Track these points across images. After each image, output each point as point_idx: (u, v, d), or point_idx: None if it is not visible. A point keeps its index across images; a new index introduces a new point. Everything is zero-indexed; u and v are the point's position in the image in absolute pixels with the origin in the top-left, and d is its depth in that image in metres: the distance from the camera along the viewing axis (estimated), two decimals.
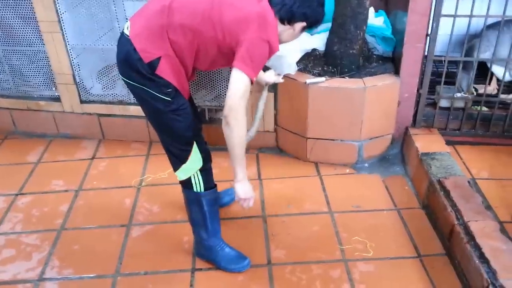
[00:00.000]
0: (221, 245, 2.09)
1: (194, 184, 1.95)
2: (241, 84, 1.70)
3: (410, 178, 2.62)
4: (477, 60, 2.54)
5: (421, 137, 2.65)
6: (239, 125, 1.73)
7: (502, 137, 2.68)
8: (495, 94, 2.70)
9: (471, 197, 2.19)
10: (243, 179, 1.89)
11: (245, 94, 1.72)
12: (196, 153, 1.90)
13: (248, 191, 1.92)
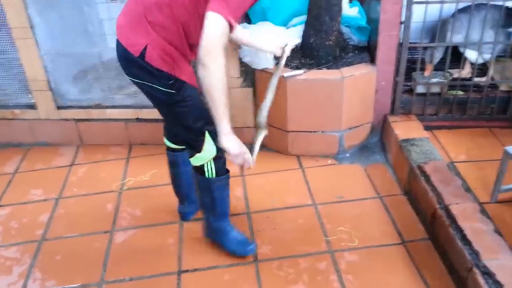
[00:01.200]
0: (228, 228, 2.11)
1: (206, 171, 1.94)
2: (216, 25, 1.50)
3: (391, 165, 2.64)
4: (450, 44, 2.57)
5: (399, 124, 2.67)
6: (217, 64, 1.52)
7: (478, 119, 2.72)
8: (470, 77, 2.74)
9: (451, 181, 2.23)
10: (230, 131, 1.68)
11: (222, 38, 1.52)
12: (209, 143, 1.87)
13: (239, 144, 1.72)
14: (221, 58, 1.52)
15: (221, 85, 1.56)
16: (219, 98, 1.58)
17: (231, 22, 1.52)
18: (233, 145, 1.71)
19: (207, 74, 1.53)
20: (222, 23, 1.51)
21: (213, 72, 1.52)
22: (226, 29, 1.52)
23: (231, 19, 1.51)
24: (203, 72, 1.53)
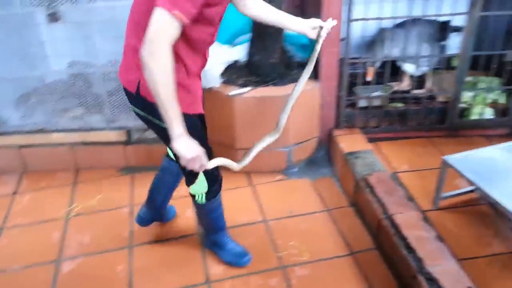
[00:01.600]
0: (225, 240, 2.17)
1: (198, 198, 1.98)
2: (159, 22, 1.40)
3: (338, 178, 2.71)
4: (389, 59, 2.68)
5: (344, 137, 2.75)
6: (161, 64, 1.42)
7: (418, 130, 2.85)
8: (409, 90, 2.87)
9: (394, 191, 2.31)
10: (182, 133, 1.54)
11: (167, 35, 1.41)
12: (201, 179, 1.89)
13: (193, 147, 1.57)
14: (165, 57, 1.42)
15: (167, 85, 1.46)
16: (166, 100, 1.47)
17: (178, 15, 1.40)
18: (185, 149, 1.56)
19: (150, 74, 1.43)
20: (166, 19, 1.40)
21: (156, 72, 1.42)
22: (172, 24, 1.41)
23: (179, 12, 1.40)
24: (146, 73, 1.44)
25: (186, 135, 1.55)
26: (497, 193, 1.94)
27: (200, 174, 1.87)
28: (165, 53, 1.42)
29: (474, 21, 2.46)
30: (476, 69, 2.73)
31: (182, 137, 1.54)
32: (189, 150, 1.56)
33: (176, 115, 1.51)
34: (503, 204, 1.89)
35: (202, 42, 1.66)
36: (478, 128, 2.85)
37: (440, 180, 2.23)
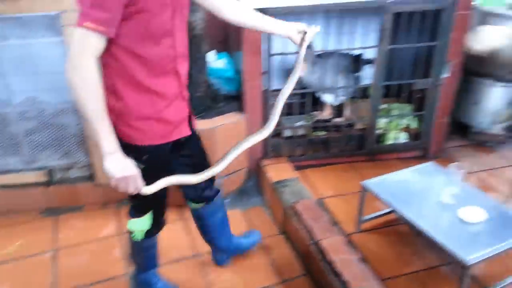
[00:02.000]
0: (154, 280, 2.09)
1: (135, 235, 1.90)
2: (74, 41, 1.36)
3: (268, 207, 2.76)
4: (307, 91, 2.82)
5: (272, 167, 2.83)
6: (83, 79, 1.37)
7: (340, 156, 2.99)
8: (330, 119, 3.01)
9: (320, 217, 2.39)
10: (114, 151, 1.45)
11: (82, 46, 1.36)
12: (148, 217, 1.85)
13: (126, 166, 1.47)
14: (87, 71, 1.37)
15: (92, 100, 1.40)
16: (92, 115, 1.41)
17: (91, 26, 1.35)
18: (115, 168, 1.46)
19: (75, 90, 1.38)
20: (82, 33, 1.36)
21: (80, 87, 1.37)
22: (88, 37, 1.37)
23: (90, 23, 1.34)
24: (72, 92, 1.39)
25: (118, 153, 1.46)
26: (411, 213, 2.07)
27: (150, 212, 1.83)
28: (88, 67, 1.37)
29: (384, 54, 2.65)
30: (389, 97, 2.94)
31: (112, 155, 1.46)
32: (119, 169, 1.46)
33: (105, 131, 1.43)
34: (416, 223, 2.02)
35: (162, 59, 1.54)
36: (394, 151, 3.04)
37: (361, 204, 2.34)
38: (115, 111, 1.54)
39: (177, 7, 1.52)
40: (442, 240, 1.91)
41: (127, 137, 1.58)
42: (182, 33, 1.58)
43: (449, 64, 2.75)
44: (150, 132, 1.60)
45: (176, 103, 1.64)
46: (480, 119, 3.21)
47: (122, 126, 1.57)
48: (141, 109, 1.55)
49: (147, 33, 1.46)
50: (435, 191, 2.19)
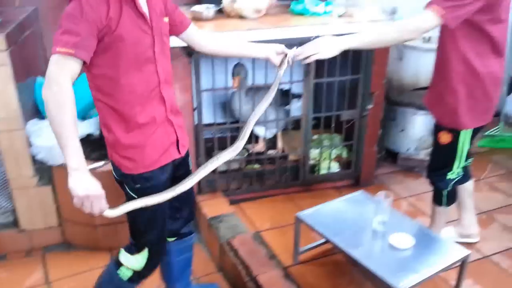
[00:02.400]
0: None
1: (121, 272, 1.84)
2: (49, 65, 1.42)
3: (205, 244, 2.71)
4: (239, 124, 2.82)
5: (207, 202, 2.79)
6: (53, 95, 1.40)
7: (276, 188, 3.00)
8: (263, 151, 3.04)
9: (256, 251, 2.38)
10: (78, 168, 1.43)
11: (56, 69, 1.40)
12: (144, 255, 1.81)
13: (90, 185, 1.45)
14: (58, 88, 1.40)
15: (61, 116, 1.40)
16: (60, 132, 1.41)
17: (63, 51, 1.40)
18: (79, 185, 1.43)
19: (46, 107, 1.41)
20: (53, 61, 1.42)
21: (50, 103, 1.40)
22: (61, 62, 1.41)
23: (60, 48, 1.41)
24: (45, 107, 1.42)
25: (83, 170, 1.44)
26: (344, 243, 2.10)
27: (146, 249, 1.80)
28: (59, 84, 1.40)
29: (310, 88, 2.73)
30: (319, 128, 3.01)
31: (77, 171, 1.43)
32: (82, 188, 1.43)
33: (72, 148, 1.42)
34: (349, 252, 2.05)
35: (146, 85, 1.60)
36: (328, 181, 3.10)
37: (296, 235, 2.35)
38: (109, 142, 1.66)
39: (156, 35, 1.60)
40: (375, 268, 1.95)
41: (124, 167, 1.68)
42: (164, 60, 1.66)
43: (372, 96, 2.88)
44: (140, 160, 1.66)
45: (163, 128, 1.70)
46: (407, 146, 3.36)
47: (117, 157, 1.67)
48: (130, 138, 1.63)
49: (129, 61, 1.53)
50: (366, 219, 2.25)
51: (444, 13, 1.82)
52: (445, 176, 2.25)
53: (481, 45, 1.98)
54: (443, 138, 2.17)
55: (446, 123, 2.15)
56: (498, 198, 3.06)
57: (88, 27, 1.42)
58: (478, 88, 2.03)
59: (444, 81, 2.09)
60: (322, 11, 2.71)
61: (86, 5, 1.42)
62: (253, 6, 2.65)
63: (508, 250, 2.56)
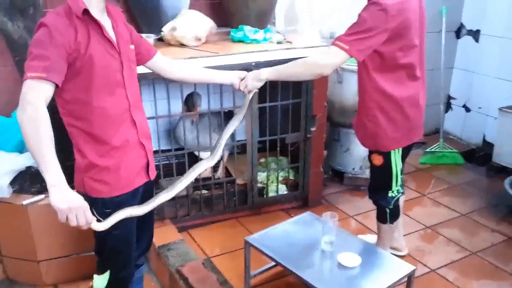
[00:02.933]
0: None
1: None
2: (22, 91, 1.44)
3: (154, 273, 2.64)
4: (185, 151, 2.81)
5: (155, 231, 2.67)
6: (27, 115, 1.41)
7: (225, 213, 3.00)
8: (210, 177, 3.02)
9: (207, 278, 2.34)
10: (58, 184, 1.42)
11: (28, 92, 1.42)
12: (106, 275, 1.79)
13: (71, 198, 1.44)
14: (32, 108, 1.41)
15: (36, 135, 1.41)
16: (37, 150, 1.41)
17: (34, 76, 1.43)
18: (60, 200, 1.43)
19: (22, 129, 1.43)
20: (26, 86, 1.44)
21: (25, 123, 1.41)
22: (31, 85, 1.44)
23: (31, 73, 1.44)
24: (21, 129, 1.44)
25: (62, 185, 1.43)
26: (293, 265, 2.11)
27: (108, 271, 1.80)
28: (32, 105, 1.42)
29: (254, 112, 2.77)
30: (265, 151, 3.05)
31: (56, 187, 1.42)
32: (64, 201, 1.43)
33: (49, 165, 1.42)
34: (299, 274, 2.06)
35: (118, 108, 1.65)
36: (277, 203, 3.13)
37: (246, 260, 2.33)
38: (82, 167, 1.65)
39: (124, 60, 1.65)
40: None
41: (95, 192, 1.67)
42: (133, 84, 1.72)
43: (315, 118, 2.96)
44: (115, 183, 1.68)
45: (136, 152, 1.74)
46: (352, 165, 3.46)
47: (90, 181, 1.66)
48: (105, 160, 1.65)
49: (101, 84, 1.58)
50: (314, 239, 2.27)
51: (347, 47, 1.92)
52: (386, 195, 2.34)
53: (395, 72, 2.09)
54: (376, 161, 2.28)
55: (369, 146, 2.28)
56: (442, 213, 3.20)
57: (58, 51, 1.47)
58: (397, 113, 2.15)
59: (364, 108, 2.20)
60: (262, 38, 2.78)
61: (54, 30, 1.47)
62: (193, 34, 2.68)
63: (454, 262, 2.67)
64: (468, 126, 4.27)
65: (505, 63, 3.84)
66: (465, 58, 4.19)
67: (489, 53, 3.96)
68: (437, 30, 4.01)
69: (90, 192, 1.67)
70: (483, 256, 2.72)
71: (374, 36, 1.92)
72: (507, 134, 3.62)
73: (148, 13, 2.84)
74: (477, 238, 2.90)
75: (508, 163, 3.65)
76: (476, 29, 4.04)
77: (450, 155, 3.95)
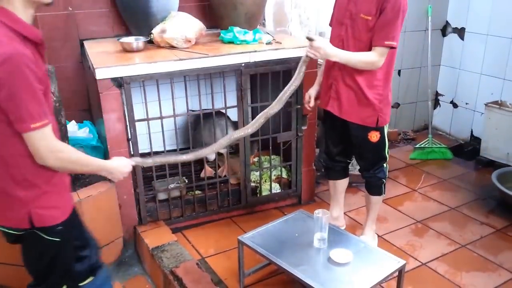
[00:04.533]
0: None
1: None
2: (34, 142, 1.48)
3: (149, 275, 2.65)
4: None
5: (149, 232, 2.74)
6: (62, 160, 1.54)
7: (219, 212, 3.02)
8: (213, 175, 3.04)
9: (201, 278, 2.35)
10: (110, 169, 1.74)
11: (45, 139, 1.48)
12: None
13: (120, 164, 1.79)
14: (61, 148, 1.54)
15: (78, 161, 1.60)
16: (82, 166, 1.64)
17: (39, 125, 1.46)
18: (117, 176, 1.79)
19: (66, 168, 1.59)
20: (34, 138, 1.48)
21: (66, 162, 1.56)
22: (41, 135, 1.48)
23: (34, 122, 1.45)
24: (66, 168, 1.60)
25: (109, 166, 1.75)
26: (287, 263, 2.14)
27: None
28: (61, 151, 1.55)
29: (246, 112, 2.79)
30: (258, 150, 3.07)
31: (110, 171, 1.75)
32: (119, 173, 1.78)
33: (95, 168, 1.71)
34: (292, 271, 2.09)
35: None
36: (271, 202, 3.15)
37: (240, 259, 2.36)
38: (28, 199, 1.58)
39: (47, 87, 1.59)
40: (317, 285, 1.99)
41: (48, 218, 1.62)
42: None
43: (306, 117, 2.99)
44: (63, 205, 1.69)
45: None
46: None
47: (39, 211, 1.59)
48: (52, 185, 1.62)
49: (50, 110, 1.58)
50: (307, 237, 2.30)
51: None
52: (383, 166, 2.62)
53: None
54: (374, 137, 2.50)
55: (371, 123, 2.45)
56: (432, 207, 3.24)
57: (39, 93, 1.46)
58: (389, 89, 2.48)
59: (370, 87, 2.40)
60: (251, 38, 2.81)
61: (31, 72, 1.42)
62: (183, 36, 2.70)
63: (444, 256, 2.71)
64: (456, 122, 4.33)
65: (490, 59, 3.91)
66: (451, 55, 4.25)
67: (474, 50, 4.02)
68: (424, 28, 4.08)
69: (41, 219, 1.61)
70: (473, 249, 2.77)
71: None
72: (493, 128, 3.68)
73: (137, 16, 2.84)
74: (466, 231, 2.95)
75: (495, 157, 3.72)
76: (461, 27, 4.10)
77: (439, 150, 4.00)
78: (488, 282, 2.50)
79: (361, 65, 2.31)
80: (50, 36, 2.86)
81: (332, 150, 2.71)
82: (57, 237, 1.65)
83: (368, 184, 2.69)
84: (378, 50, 2.27)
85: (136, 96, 2.60)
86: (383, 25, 2.22)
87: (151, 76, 2.52)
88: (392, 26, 2.22)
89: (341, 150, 2.69)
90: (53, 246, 1.66)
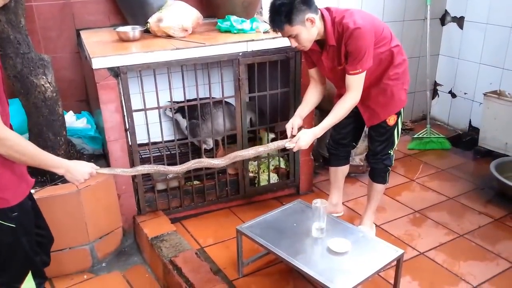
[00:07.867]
0: None
1: None
2: None
3: (148, 264, 2.66)
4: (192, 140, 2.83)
5: (148, 222, 2.75)
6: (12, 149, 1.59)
7: (218, 202, 3.02)
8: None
9: (200, 268, 2.36)
10: (66, 168, 1.78)
11: None
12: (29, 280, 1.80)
13: (79, 170, 1.83)
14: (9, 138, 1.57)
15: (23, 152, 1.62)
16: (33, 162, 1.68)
17: None
18: (75, 179, 1.83)
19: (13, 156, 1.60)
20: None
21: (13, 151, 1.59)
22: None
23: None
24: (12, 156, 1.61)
25: (67, 166, 1.79)
26: (285, 252, 2.15)
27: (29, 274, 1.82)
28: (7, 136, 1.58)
29: (244, 102, 2.78)
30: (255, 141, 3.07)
31: (66, 172, 1.80)
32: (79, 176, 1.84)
33: (49, 163, 1.73)
34: (290, 261, 2.10)
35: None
36: (269, 192, 3.16)
37: (238, 248, 2.37)
38: None
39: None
40: (315, 274, 2.01)
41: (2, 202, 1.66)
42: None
43: None
44: (15, 187, 1.70)
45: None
46: None
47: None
48: (4, 167, 1.64)
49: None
50: (305, 227, 2.32)
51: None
52: (390, 154, 2.64)
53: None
54: (391, 121, 2.53)
55: (391, 112, 2.50)
56: (430, 197, 3.25)
57: None
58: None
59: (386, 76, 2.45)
60: (248, 27, 2.79)
61: None
62: (179, 25, 2.68)
63: (442, 245, 2.73)
64: (454, 112, 4.33)
65: (489, 48, 3.90)
66: (450, 44, 4.23)
67: (473, 39, 4.00)
68: (422, 17, 4.05)
69: None
70: (471, 238, 2.79)
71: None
72: (491, 118, 3.68)
73: (133, 5, 2.83)
74: (464, 221, 2.96)
75: (493, 147, 3.72)
76: (460, 16, 4.08)
77: (437, 140, 4.00)
78: (486, 272, 2.51)
79: (348, 110, 2.33)
80: (46, 26, 2.85)
81: (340, 132, 2.72)
82: (12, 223, 1.68)
83: (373, 171, 2.70)
84: (349, 81, 2.29)
85: (134, 87, 2.59)
86: (351, 60, 2.24)
87: (148, 66, 2.50)
88: (360, 60, 2.22)
89: (350, 130, 2.71)
90: (9, 232, 1.69)
